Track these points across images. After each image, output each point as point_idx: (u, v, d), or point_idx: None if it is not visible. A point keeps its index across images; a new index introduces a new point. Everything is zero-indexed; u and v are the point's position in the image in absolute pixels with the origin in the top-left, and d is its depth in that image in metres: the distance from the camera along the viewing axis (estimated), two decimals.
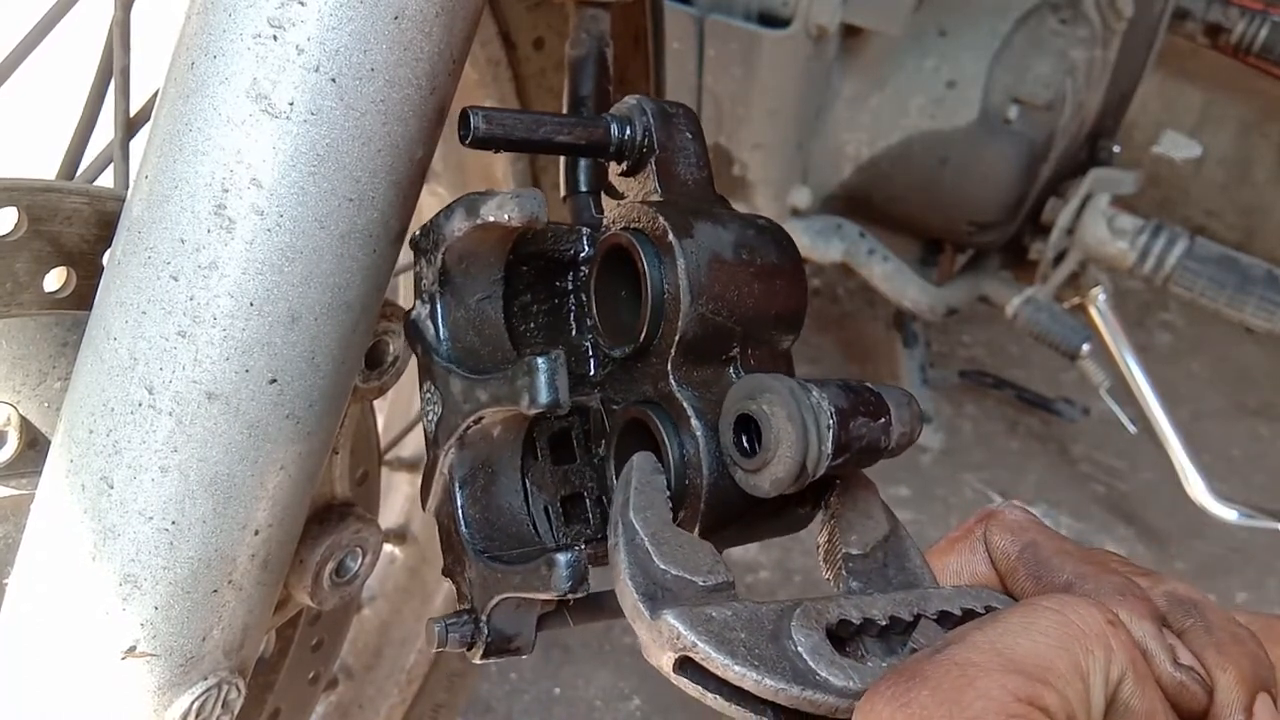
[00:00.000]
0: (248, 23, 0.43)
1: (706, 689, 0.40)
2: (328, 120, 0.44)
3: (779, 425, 0.44)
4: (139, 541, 0.47)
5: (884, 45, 1.80)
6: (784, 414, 0.44)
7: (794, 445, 0.44)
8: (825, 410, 0.44)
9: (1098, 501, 2.31)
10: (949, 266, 2.10)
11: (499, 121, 0.50)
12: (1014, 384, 2.50)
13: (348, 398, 0.53)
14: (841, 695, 0.39)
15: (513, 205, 0.47)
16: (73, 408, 0.48)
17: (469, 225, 0.48)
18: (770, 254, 0.51)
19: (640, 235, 0.50)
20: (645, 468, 0.47)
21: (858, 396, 0.46)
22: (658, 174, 0.53)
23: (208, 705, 0.52)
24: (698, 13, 1.79)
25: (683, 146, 0.53)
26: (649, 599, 0.41)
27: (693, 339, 0.49)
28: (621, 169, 0.54)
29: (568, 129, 0.52)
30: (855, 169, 1.91)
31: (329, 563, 0.61)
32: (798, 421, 0.43)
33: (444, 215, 0.50)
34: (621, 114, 0.54)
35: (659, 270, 0.49)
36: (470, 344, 0.52)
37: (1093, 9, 1.75)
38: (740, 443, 0.46)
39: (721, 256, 0.49)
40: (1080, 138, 1.94)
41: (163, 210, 0.45)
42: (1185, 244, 1.86)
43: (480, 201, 0.48)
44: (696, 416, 0.48)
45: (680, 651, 0.39)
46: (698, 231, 0.49)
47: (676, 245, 0.48)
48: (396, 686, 1.13)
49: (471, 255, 0.51)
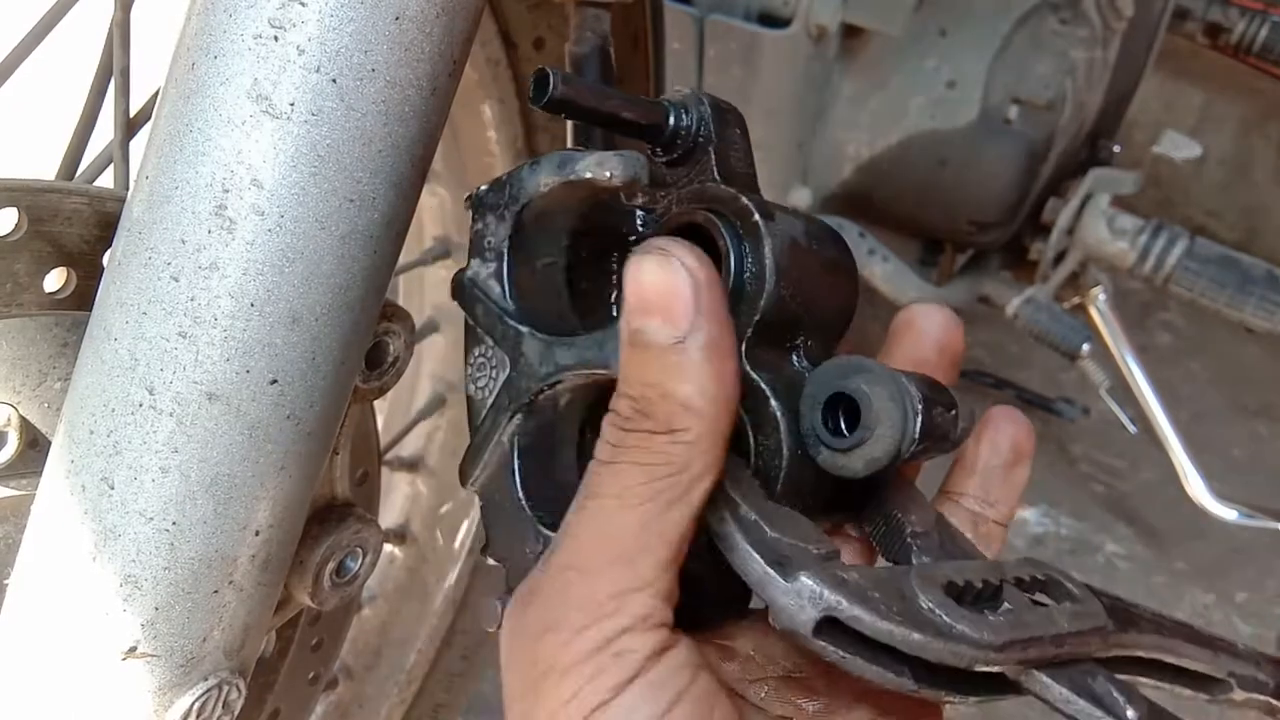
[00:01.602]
0: (248, 23, 0.43)
1: (846, 650, 0.39)
2: (328, 121, 0.44)
3: (880, 405, 0.44)
4: (139, 542, 0.47)
5: (884, 45, 1.80)
6: (885, 394, 0.44)
7: (895, 425, 0.44)
8: (915, 396, 0.44)
9: (1098, 501, 2.31)
10: (949, 266, 2.10)
11: (574, 87, 0.48)
12: (1014, 384, 2.50)
13: (348, 398, 0.53)
14: (978, 646, 0.40)
15: (615, 163, 0.45)
16: (73, 408, 0.48)
17: (557, 181, 0.47)
18: (833, 249, 0.51)
19: (720, 215, 0.48)
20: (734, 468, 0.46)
21: (935, 388, 0.46)
22: (717, 163, 0.52)
23: (208, 706, 0.52)
24: (698, 13, 1.79)
25: (734, 142, 0.53)
26: (777, 565, 0.41)
27: (770, 321, 0.48)
28: (670, 157, 0.53)
29: (631, 107, 0.51)
30: (855, 169, 1.91)
31: (329, 563, 0.61)
32: (899, 402, 0.44)
33: (529, 169, 0.48)
34: (679, 100, 0.52)
35: (742, 249, 0.48)
36: (538, 308, 0.50)
37: (1093, 9, 1.75)
38: (830, 423, 0.46)
39: (799, 243, 0.48)
40: (1080, 138, 1.94)
41: (163, 211, 0.45)
42: (1185, 244, 1.86)
43: (575, 157, 0.46)
44: (775, 397, 0.47)
45: (824, 612, 0.39)
46: (779, 216, 0.48)
47: (762, 226, 0.47)
48: (396, 686, 1.13)
49: (548, 215, 0.50)
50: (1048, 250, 1.93)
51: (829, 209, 1.97)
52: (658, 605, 0.42)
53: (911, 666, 0.40)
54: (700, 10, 1.79)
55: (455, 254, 1.09)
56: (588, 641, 0.41)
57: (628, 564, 0.41)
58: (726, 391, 0.43)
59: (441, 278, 1.11)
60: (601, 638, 0.41)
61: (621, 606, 0.41)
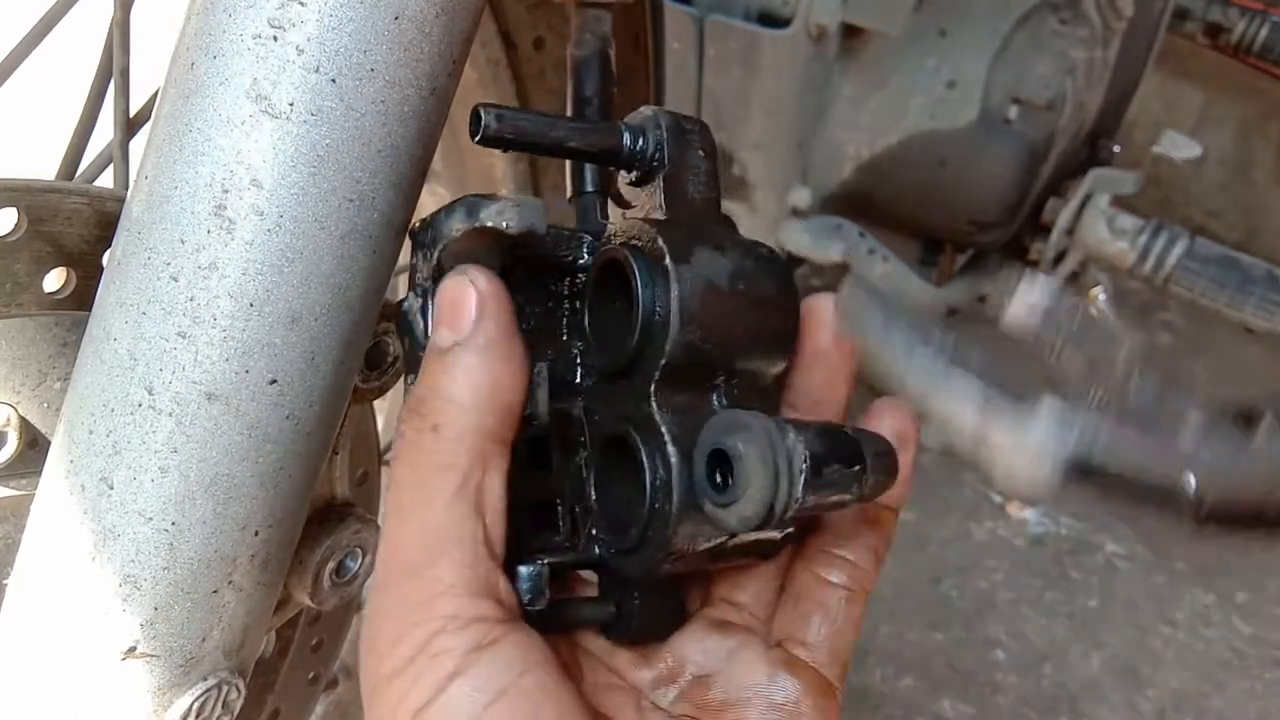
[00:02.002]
0: (248, 23, 0.43)
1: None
2: (328, 121, 0.44)
3: (751, 466, 0.43)
4: (139, 542, 0.47)
5: (884, 45, 1.80)
6: (756, 455, 0.43)
7: (764, 487, 0.43)
8: (800, 454, 0.43)
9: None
10: (949, 266, 2.10)
11: (511, 122, 0.49)
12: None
13: (348, 398, 0.53)
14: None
15: (513, 213, 0.47)
16: (72, 408, 0.48)
17: (467, 226, 0.48)
18: (766, 286, 0.50)
19: (638, 253, 0.49)
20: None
21: (835, 442, 0.45)
22: (664, 191, 0.52)
23: (208, 706, 0.52)
24: (698, 13, 1.79)
25: (693, 164, 0.53)
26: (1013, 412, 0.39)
27: (677, 365, 0.48)
28: (631, 179, 0.54)
29: (581, 135, 0.51)
30: (855, 169, 1.91)
31: (329, 563, 0.62)
32: (770, 464, 0.43)
33: (444, 214, 0.49)
34: (635, 124, 0.53)
35: (652, 292, 0.48)
36: None
37: (1093, 9, 1.74)
38: (713, 477, 0.45)
39: (716, 286, 0.48)
40: (1080, 138, 1.94)
41: (163, 211, 0.45)
42: (1185, 244, 1.86)
43: (481, 205, 0.47)
44: (673, 443, 0.47)
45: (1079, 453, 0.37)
46: (696, 258, 0.48)
47: (672, 270, 0.47)
48: None
49: (469, 255, 0.51)
50: (1048, 250, 1.93)
51: (829, 209, 1.97)
52: (466, 603, 0.43)
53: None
54: (700, 10, 1.79)
55: None
56: (404, 649, 0.42)
57: (420, 573, 0.43)
58: (499, 391, 0.45)
59: None
60: (415, 645, 0.42)
61: (428, 613, 0.42)
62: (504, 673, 0.42)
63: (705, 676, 0.53)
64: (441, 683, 0.41)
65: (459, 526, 0.44)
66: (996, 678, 1.94)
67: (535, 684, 0.42)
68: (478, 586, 0.43)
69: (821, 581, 0.53)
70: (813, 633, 0.52)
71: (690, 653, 0.54)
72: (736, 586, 0.56)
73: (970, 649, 1.99)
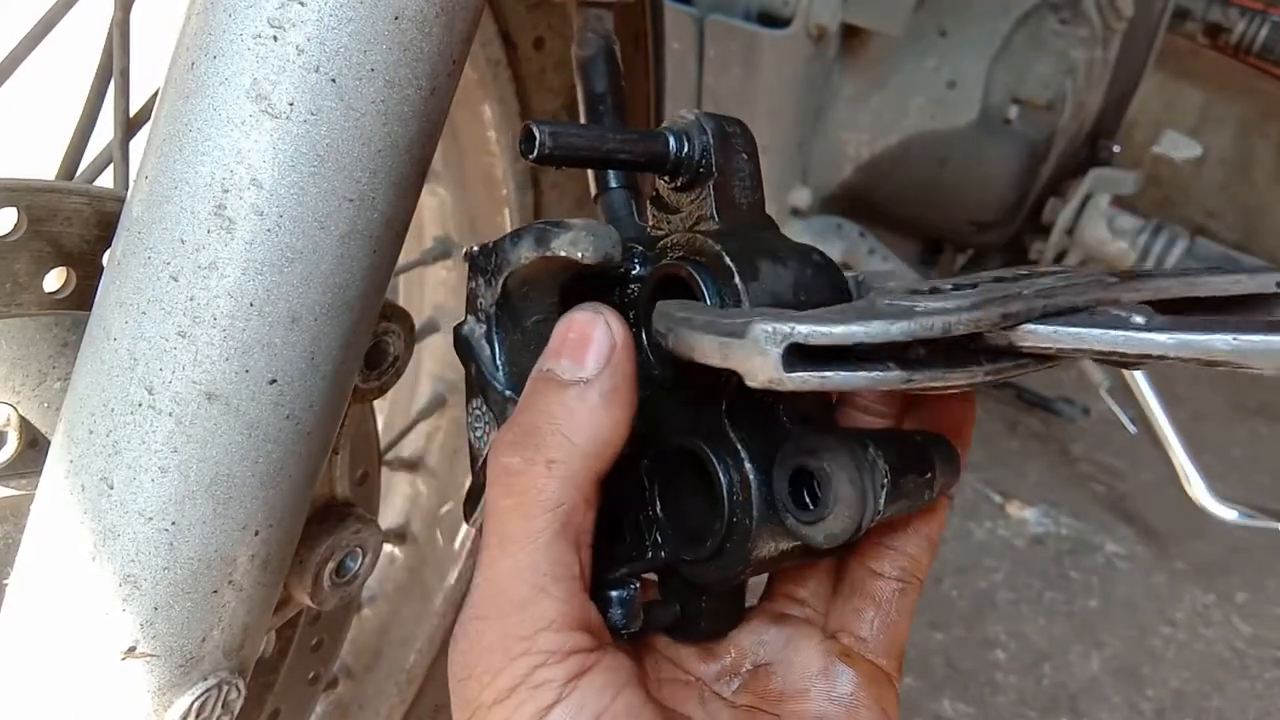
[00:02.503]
0: (248, 23, 0.43)
1: (825, 370, 0.39)
2: (328, 120, 0.44)
3: (839, 486, 0.44)
4: (139, 542, 0.47)
5: (884, 45, 1.80)
6: (845, 476, 0.44)
7: (854, 505, 0.44)
8: (881, 470, 0.45)
9: (1098, 501, 2.31)
10: (949, 266, 2.10)
11: (564, 139, 0.48)
12: (1014, 384, 2.50)
13: (348, 398, 0.53)
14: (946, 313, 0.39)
15: (587, 243, 0.46)
16: (72, 408, 0.48)
17: (536, 255, 0.48)
18: (825, 295, 0.50)
19: (702, 269, 0.49)
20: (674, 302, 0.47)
21: (909, 451, 0.47)
22: (715, 199, 0.51)
23: (208, 706, 0.52)
24: (698, 13, 1.79)
25: (739, 169, 0.52)
26: (731, 334, 0.40)
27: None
28: (677, 184, 0.53)
29: (629, 146, 0.51)
30: (855, 169, 1.91)
31: (329, 563, 0.61)
32: (859, 485, 0.44)
33: (510, 241, 0.49)
34: (680, 128, 0.52)
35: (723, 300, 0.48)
36: (524, 367, 0.51)
37: (1093, 9, 1.75)
38: (798, 495, 0.46)
39: (782, 299, 0.48)
40: (1080, 138, 1.94)
41: (163, 210, 0.45)
42: (1185, 244, 1.86)
43: (552, 234, 0.47)
44: (750, 460, 0.48)
45: (784, 341, 0.38)
46: (762, 272, 0.48)
47: (742, 289, 0.47)
48: (396, 687, 1.13)
49: (535, 279, 0.50)
50: (1048, 250, 1.93)
51: (829, 209, 1.97)
52: (566, 637, 0.45)
53: (896, 360, 0.39)
54: (700, 10, 1.79)
55: (455, 254, 1.09)
56: (505, 680, 0.44)
57: (523, 609, 0.45)
58: (616, 436, 0.46)
59: (441, 278, 1.11)
60: (517, 676, 0.44)
61: (530, 646, 0.44)
62: (598, 698, 0.44)
63: (765, 666, 0.54)
64: (542, 711, 0.43)
65: (560, 564, 0.45)
66: (996, 678, 1.94)
67: (625, 706, 0.44)
68: (574, 621, 0.45)
69: (874, 574, 0.54)
70: (866, 627, 0.53)
71: (750, 645, 0.55)
72: (795, 581, 0.57)
73: (970, 649, 1.99)
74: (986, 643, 2.00)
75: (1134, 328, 0.39)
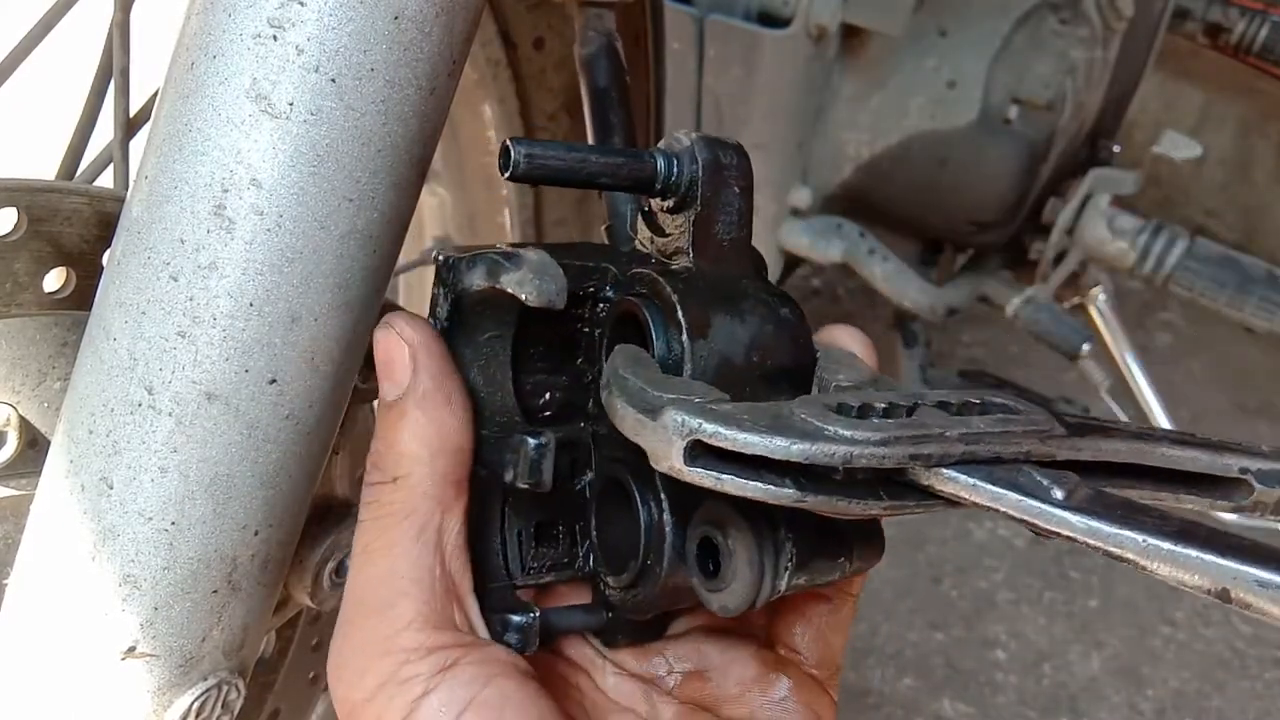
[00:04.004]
0: (247, 23, 0.43)
1: (721, 472, 0.39)
2: (327, 120, 0.44)
3: (739, 565, 0.44)
4: (138, 542, 0.47)
5: (884, 45, 1.80)
6: (746, 557, 0.44)
7: (750, 586, 0.44)
8: (787, 552, 0.45)
9: None
10: (949, 266, 2.10)
11: (541, 159, 0.48)
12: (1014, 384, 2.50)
13: (348, 398, 0.53)
14: (854, 444, 0.39)
15: (531, 287, 0.47)
16: (72, 408, 0.48)
17: (486, 285, 0.49)
18: (783, 355, 0.49)
19: (656, 314, 0.49)
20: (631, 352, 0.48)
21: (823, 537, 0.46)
22: (693, 234, 0.50)
23: (207, 706, 0.52)
24: (698, 13, 1.79)
25: (726, 203, 0.51)
26: (650, 411, 0.41)
27: None
28: (666, 206, 0.52)
29: (613, 170, 0.49)
30: (855, 169, 1.91)
31: (329, 563, 0.61)
32: (757, 567, 0.44)
33: (466, 265, 0.50)
34: (671, 151, 0.51)
35: (668, 356, 0.48)
36: (474, 382, 0.52)
37: (1093, 9, 1.74)
38: (704, 561, 0.47)
39: (732, 361, 0.48)
40: (1080, 138, 1.94)
41: (162, 210, 0.45)
42: (1185, 244, 1.86)
43: (503, 268, 0.48)
44: (669, 510, 0.48)
45: (689, 437, 0.39)
46: (714, 331, 0.48)
47: (687, 349, 0.47)
48: None
49: (488, 302, 0.51)
50: (1048, 250, 1.93)
51: (829, 209, 1.97)
52: (427, 635, 0.47)
53: (793, 477, 0.39)
54: (700, 10, 1.79)
55: None
56: (372, 679, 0.47)
57: (382, 612, 0.47)
58: (446, 437, 0.49)
59: None
60: (383, 674, 0.46)
61: (392, 646, 0.47)
62: (468, 688, 0.46)
63: (702, 672, 0.56)
64: (413, 703, 0.46)
65: (417, 568, 0.48)
66: (996, 678, 1.94)
67: (497, 692, 0.46)
68: (436, 619, 0.48)
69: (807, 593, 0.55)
70: (799, 640, 0.56)
71: (687, 651, 0.57)
72: None
73: (970, 649, 1.99)
74: (986, 643, 2.00)
75: (1051, 501, 0.38)
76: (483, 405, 0.52)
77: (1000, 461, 0.41)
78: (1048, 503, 0.38)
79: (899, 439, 0.39)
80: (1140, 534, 0.37)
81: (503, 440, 0.51)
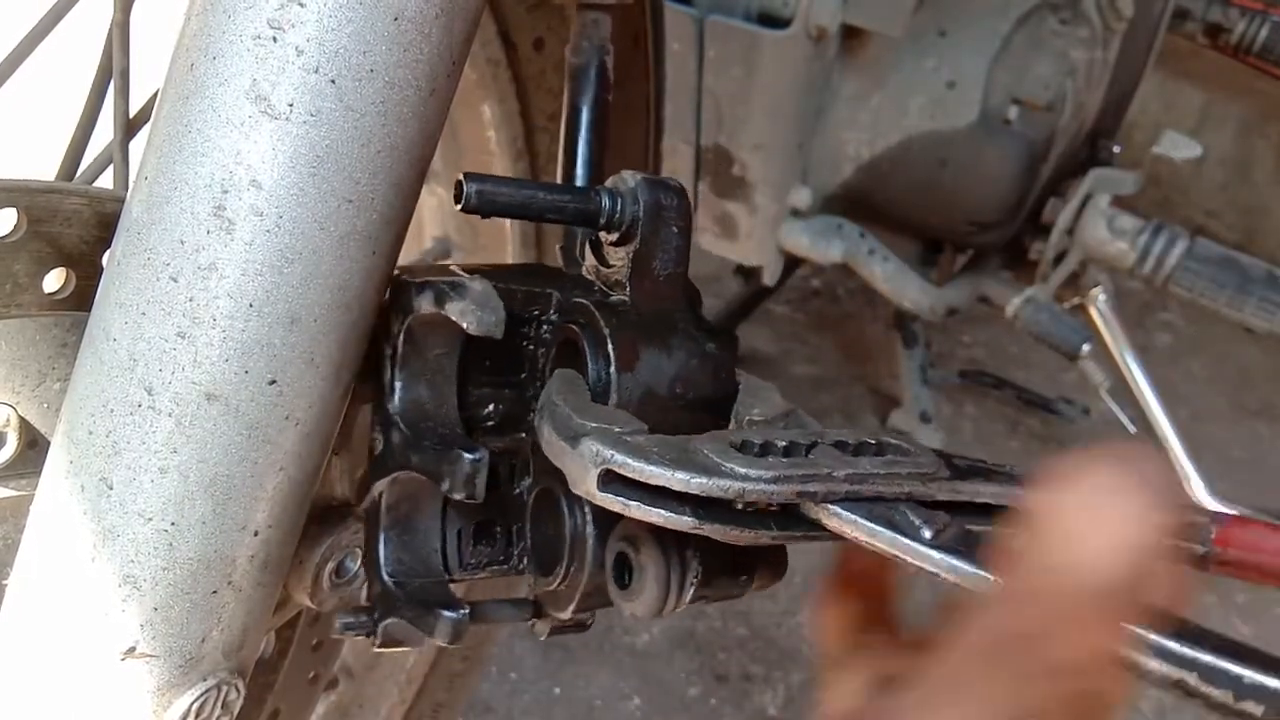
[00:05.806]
0: (247, 24, 0.43)
1: (629, 499, 0.44)
2: (327, 121, 0.44)
3: (647, 580, 0.49)
4: (138, 542, 0.47)
5: (884, 45, 1.80)
6: (653, 573, 0.49)
7: (656, 599, 0.49)
8: (693, 570, 0.50)
9: None
10: (949, 267, 2.10)
11: (491, 195, 0.51)
12: (1014, 384, 2.50)
13: (348, 398, 0.53)
14: (747, 480, 0.43)
15: (473, 317, 0.50)
16: (72, 408, 0.48)
17: (433, 311, 0.52)
18: (704, 387, 0.54)
19: (592, 344, 0.53)
20: (568, 377, 0.52)
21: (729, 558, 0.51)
22: (632, 269, 0.54)
23: (207, 706, 0.52)
24: (698, 13, 1.79)
25: (665, 240, 0.55)
26: (571, 439, 0.46)
27: None
28: (611, 240, 0.55)
29: (560, 206, 0.54)
30: (855, 169, 1.91)
31: (329, 563, 0.62)
32: (663, 584, 0.49)
33: (415, 290, 0.52)
34: (617, 190, 0.54)
35: (599, 383, 0.52)
36: (419, 396, 0.55)
37: (1093, 9, 1.74)
38: (619, 574, 0.51)
39: (656, 392, 0.53)
40: (1080, 138, 1.94)
41: (162, 211, 0.45)
42: (1185, 244, 1.86)
43: (448, 297, 0.51)
44: (594, 523, 0.52)
45: (601, 465, 0.44)
46: (641, 365, 0.52)
47: (614, 380, 0.52)
48: (396, 686, 1.13)
49: (436, 324, 0.53)
50: (1048, 250, 1.93)
51: (829, 209, 1.97)
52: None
53: (692, 506, 0.44)
54: (700, 10, 1.79)
55: (455, 254, 1.09)
56: None
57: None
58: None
59: None
60: None
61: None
62: None
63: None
64: None
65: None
66: None
67: None
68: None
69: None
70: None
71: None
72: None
73: None
74: None
75: (919, 539, 0.43)
76: (428, 418, 0.55)
77: (883, 500, 0.45)
78: (915, 540, 0.43)
79: (788, 477, 0.44)
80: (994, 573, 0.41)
81: (442, 454, 0.53)
